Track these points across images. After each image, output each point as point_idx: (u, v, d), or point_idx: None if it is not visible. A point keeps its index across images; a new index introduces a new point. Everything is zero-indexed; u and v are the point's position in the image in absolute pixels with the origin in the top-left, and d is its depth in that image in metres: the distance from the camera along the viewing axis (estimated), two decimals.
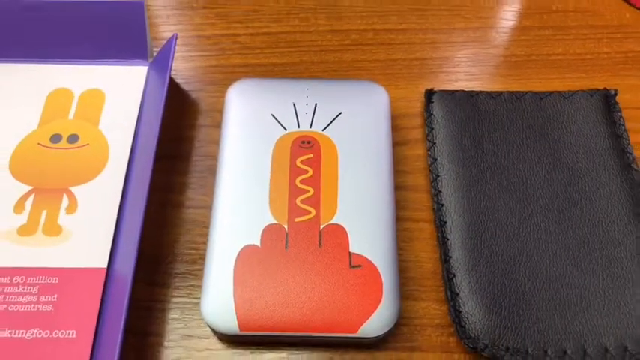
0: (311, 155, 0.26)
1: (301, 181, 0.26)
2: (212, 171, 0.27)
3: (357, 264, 0.24)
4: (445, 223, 0.26)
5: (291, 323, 0.23)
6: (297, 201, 0.25)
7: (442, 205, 0.27)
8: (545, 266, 0.25)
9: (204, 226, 0.26)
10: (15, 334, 0.23)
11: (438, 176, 0.28)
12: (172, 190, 0.27)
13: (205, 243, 0.25)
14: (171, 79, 0.31)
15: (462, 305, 0.24)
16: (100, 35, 0.29)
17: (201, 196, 0.27)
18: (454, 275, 0.25)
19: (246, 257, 0.24)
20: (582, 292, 0.25)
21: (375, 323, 0.23)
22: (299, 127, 0.27)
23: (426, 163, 0.28)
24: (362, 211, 0.25)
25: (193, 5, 0.33)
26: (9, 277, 0.24)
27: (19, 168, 0.27)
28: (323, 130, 0.27)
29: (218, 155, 0.27)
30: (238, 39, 0.32)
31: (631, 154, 0.28)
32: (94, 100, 0.29)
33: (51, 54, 0.30)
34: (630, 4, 0.33)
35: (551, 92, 0.30)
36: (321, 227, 0.25)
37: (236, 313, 0.23)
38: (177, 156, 0.28)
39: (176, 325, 0.24)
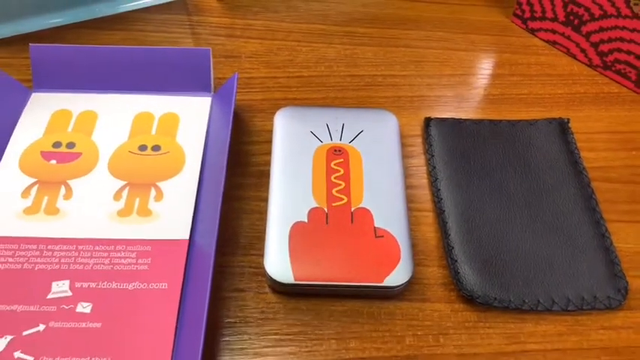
0: (342, 160, 0.35)
1: (335, 178, 0.34)
2: (265, 174, 0.35)
3: (381, 235, 0.32)
4: (444, 211, 0.34)
5: (333, 275, 0.30)
6: (333, 191, 0.33)
7: (441, 198, 0.35)
8: (521, 243, 0.33)
9: (261, 213, 0.34)
10: (120, 286, 0.30)
11: (437, 179, 0.36)
12: (234, 188, 0.35)
13: (263, 225, 0.33)
14: None
15: (459, 269, 0.32)
16: (176, 73, 0.38)
17: (257, 192, 0.35)
18: (453, 247, 0.33)
19: (297, 230, 0.32)
20: (549, 261, 0.33)
21: (396, 276, 0.30)
22: (331, 139, 0.36)
23: (427, 169, 0.37)
24: (382, 199, 0.33)
25: (242, 56, 0.42)
26: (113, 246, 0.32)
27: (115, 168, 0.35)
28: (350, 142, 0.36)
29: (271, 161, 0.35)
30: (278, 80, 0.41)
31: (581, 164, 0.37)
32: (170, 120, 0.37)
33: (138, 87, 0.38)
34: (577, 60, 0.43)
35: (520, 120, 0.39)
36: (352, 209, 0.33)
37: (292, 268, 0.30)
38: (237, 163, 0.36)
39: (240, 283, 0.31)
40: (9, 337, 0.28)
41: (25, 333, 0.28)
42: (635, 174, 0.37)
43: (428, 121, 0.39)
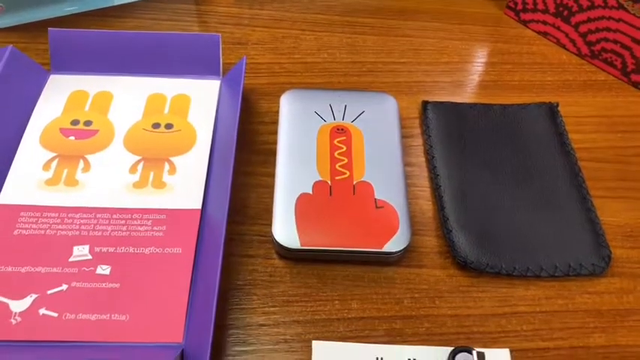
0: (344, 137, 0.37)
1: (338, 154, 0.36)
2: (272, 152, 0.37)
3: (381, 206, 0.34)
4: (440, 186, 0.37)
5: (336, 241, 0.32)
6: (337, 166, 0.35)
7: (437, 175, 0.37)
8: (511, 215, 0.35)
9: (268, 187, 0.36)
10: (137, 250, 0.32)
11: (434, 157, 0.38)
12: (243, 164, 0.37)
13: (271, 198, 0.35)
14: None
15: (454, 238, 0.34)
16: (187, 58, 0.40)
17: (264, 168, 0.37)
18: (448, 219, 0.35)
19: (303, 200, 0.34)
20: (538, 232, 0.35)
21: (395, 243, 0.32)
22: (334, 119, 0.38)
23: (424, 149, 0.39)
24: (382, 173, 0.35)
25: (249, 44, 0.45)
26: (129, 215, 0.34)
27: (130, 144, 0.37)
28: (352, 122, 0.38)
29: (277, 139, 0.37)
30: (283, 66, 0.43)
31: (569, 144, 0.39)
32: (182, 101, 0.39)
33: (151, 70, 0.40)
34: (566, 49, 0.46)
35: (512, 104, 0.42)
36: (354, 182, 0.35)
37: (298, 235, 0.32)
38: (245, 142, 0.38)
39: (250, 250, 0.33)
40: (34, 296, 0.30)
41: (49, 292, 0.30)
42: (620, 154, 0.40)
43: (425, 104, 0.41)
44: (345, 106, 0.39)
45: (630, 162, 0.39)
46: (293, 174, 0.35)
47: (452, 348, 0.29)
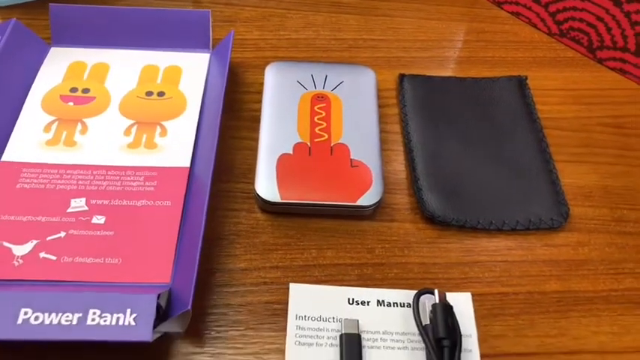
0: (324, 104, 0.40)
1: (318, 119, 0.39)
2: (256, 118, 0.40)
3: (356, 165, 0.37)
4: (412, 150, 0.39)
5: (313, 196, 0.35)
6: (316, 129, 0.38)
7: (410, 140, 0.40)
8: (479, 176, 0.38)
9: (252, 150, 0.38)
10: (130, 202, 0.35)
11: (408, 124, 0.41)
12: (230, 129, 0.40)
13: (254, 159, 0.37)
14: None
15: (423, 195, 0.37)
16: (179, 32, 0.43)
17: (249, 133, 0.40)
18: (419, 179, 0.38)
19: (284, 160, 0.36)
20: (503, 191, 0.37)
21: (367, 198, 0.35)
22: (315, 88, 0.41)
23: (399, 117, 0.42)
24: (359, 137, 0.38)
25: (238, 21, 0.47)
26: (123, 172, 0.36)
27: (125, 109, 0.40)
28: (332, 90, 0.41)
29: (262, 106, 0.40)
30: (269, 41, 0.46)
31: (536, 114, 0.42)
32: (174, 72, 0.42)
33: (146, 44, 0.43)
34: (537, 29, 0.48)
35: (484, 78, 0.44)
36: (332, 144, 0.38)
37: (278, 190, 0.35)
38: (232, 109, 0.41)
39: (234, 205, 0.36)
40: (35, 242, 0.33)
41: (48, 238, 0.33)
42: (583, 124, 0.42)
43: (402, 77, 0.44)
44: (326, 76, 0.41)
45: (592, 130, 0.42)
46: (275, 136, 0.38)
47: (417, 291, 0.32)
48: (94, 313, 0.29)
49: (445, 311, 0.31)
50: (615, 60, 0.45)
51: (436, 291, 0.31)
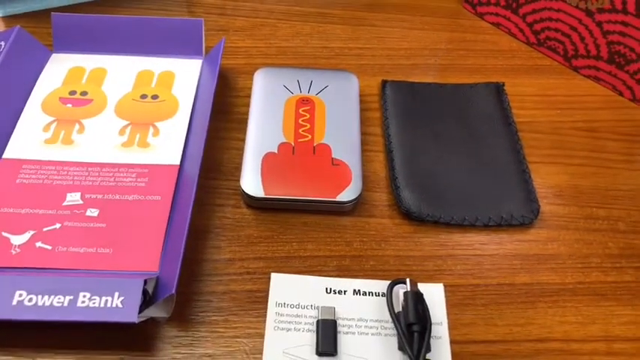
0: (308, 107, 0.42)
1: (302, 120, 0.41)
2: (244, 120, 0.42)
3: (337, 164, 0.39)
4: (392, 151, 0.41)
5: (295, 192, 0.37)
6: (300, 130, 0.40)
7: (391, 141, 0.42)
8: (455, 175, 0.40)
9: (239, 150, 0.40)
10: (122, 197, 0.37)
11: (388, 127, 0.43)
12: (219, 130, 0.42)
13: (241, 158, 0.39)
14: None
15: (401, 192, 0.39)
16: (173, 40, 0.46)
17: (237, 134, 0.42)
18: (397, 177, 0.40)
19: (269, 158, 0.39)
20: (477, 189, 0.39)
21: (347, 194, 0.37)
22: (301, 92, 0.43)
23: (381, 121, 0.44)
24: (341, 138, 0.40)
25: (230, 30, 0.50)
26: (117, 169, 0.38)
27: (120, 111, 0.42)
28: (316, 94, 0.43)
29: (250, 109, 0.42)
30: (260, 49, 0.48)
31: (511, 118, 0.44)
32: (167, 77, 0.44)
33: (141, 51, 0.46)
34: (517, 38, 0.51)
35: (463, 84, 0.46)
36: (315, 144, 0.40)
37: (262, 186, 0.37)
38: (221, 112, 0.43)
39: (220, 200, 0.38)
40: (31, 232, 0.35)
41: (44, 229, 0.35)
42: (557, 127, 0.44)
43: (384, 83, 0.46)
44: (311, 81, 0.44)
45: (565, 134, 0.44)
46: (261, 136, 0.40)
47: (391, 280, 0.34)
48: (84, 296, 0.31)
49: (415, 298, 0.32)
50: (589, 68, 0.48)
51: (408, 280, 0.33)
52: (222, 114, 0.43)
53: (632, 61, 0.45)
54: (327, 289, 0.34)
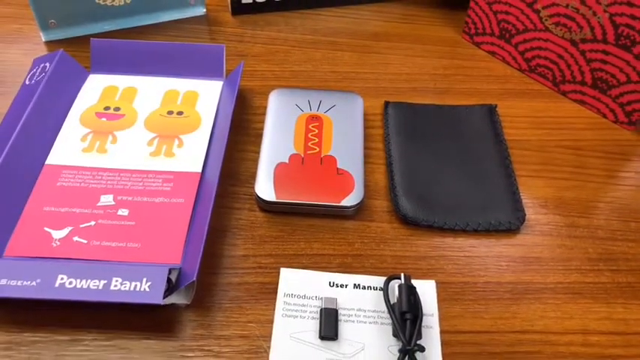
0: (317, 123, 0.47)
1: (311, 135, 0.46)
2: (260, 135, 0.47)
3: (342, 173, 0.43)
4: (392, 163, 0.46)
5: (303, 196, 0.41)
6: (309, 143, 0.45)
7: (391, 155, 0.46)
8: (448, 186, 0.44)
9: (255, 161, 0.45)
10: (150, 199, 0.42)
11: (390, 142, 0.47)
12: (237, 143, 0.47)
13: (256, 168, 0.44)
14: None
15: (399, 200, 0.43)
16: (198, 63, 0.51)
17: (253, 147, 0.47)
18: (396, 187, 0.44)
19: (281, 167, 0.43)
20: (468, 198, 0.43)
21: (350, 199, 0.41)
22: (311, 110, 0.48)
23: (383, 137, 0.48)
24: (345, 150, 0.45)
25: (248, 55, 0.55)
26: (145, 175, 0.43)
27: (149, 125, 0.47)
28: (325, 112, 0.47)
29: (265, 124, 0.47)
30: (275, 73, 0.54)
31: (502, 136, 0.48)
32: (192, 96, 0.50)
33: (169, 72, 0.51)
34: (510, 65, 0.55)
35: (460, 105, 0.51)
36: (322, 156, 0.44)
37: (274, 191, 0.41)
38: (239, 128, 0.48)
39: (237, 204, 0.43)
40: (70, 228, 0.39)
41: (81, 226, 0.40)
42: (544, 145, 0.48)
43: (387, 104, 0.51)
44: (320, 101, 0.48)
45: (552, 151, 0.48)
46: (274, 148, 0.44)
47: (388, 276, 0.38)
48: (117, 281, 0.35)
49: (408, 290, 0.36)
50: (576, 92, 0.52)
51: (402, 275, 0.37)
52: (240, 129, 0.48)
53: (614, 86, 0.49)
54: (330, 282, 0.38)
